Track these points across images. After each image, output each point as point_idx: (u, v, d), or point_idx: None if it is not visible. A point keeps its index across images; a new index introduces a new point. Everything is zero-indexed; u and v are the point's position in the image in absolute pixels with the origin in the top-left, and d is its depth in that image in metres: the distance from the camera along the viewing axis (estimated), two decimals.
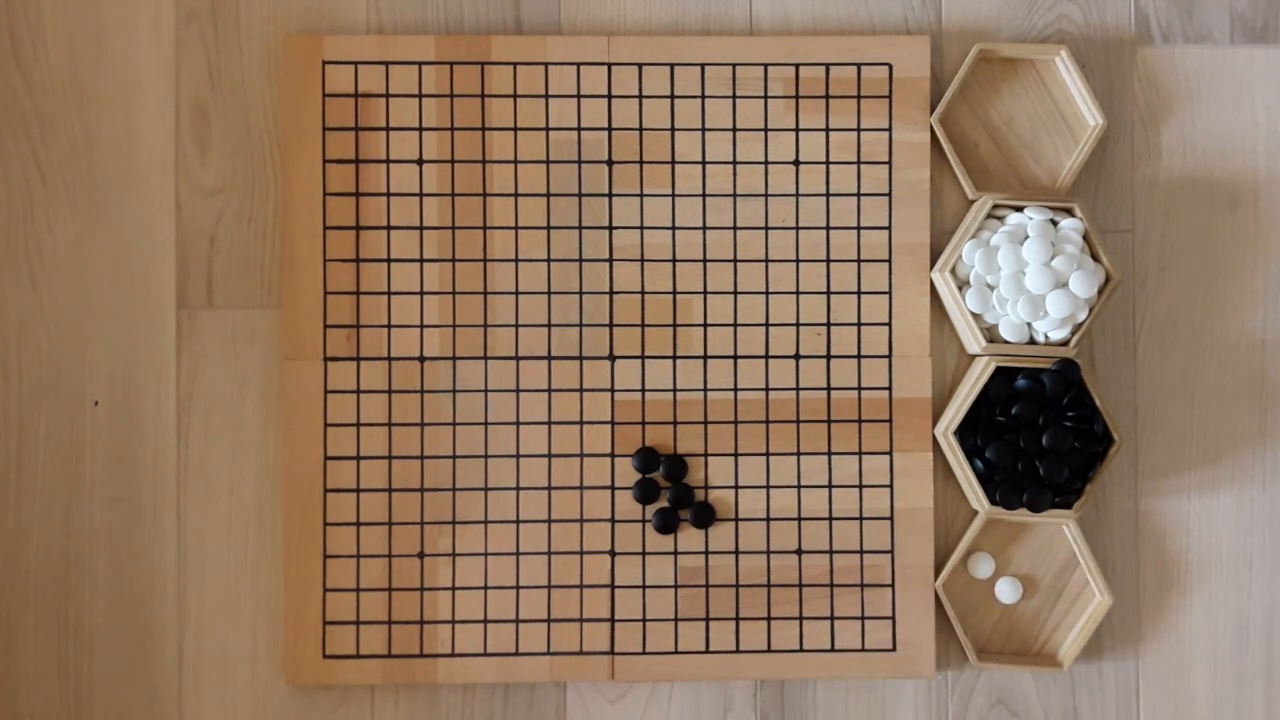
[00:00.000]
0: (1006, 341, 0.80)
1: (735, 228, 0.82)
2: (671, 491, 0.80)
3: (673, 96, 0.82)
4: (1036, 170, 0.84)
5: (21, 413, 0.81)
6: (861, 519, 0.82)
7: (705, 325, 0.82)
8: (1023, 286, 0.78)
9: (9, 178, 0.82)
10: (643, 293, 0.82)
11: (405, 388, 0.81)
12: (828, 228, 0.83)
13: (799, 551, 0.82)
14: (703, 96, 0.82)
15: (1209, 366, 0.84)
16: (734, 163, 0.82)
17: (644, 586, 0.81)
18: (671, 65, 0.82)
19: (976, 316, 0.80)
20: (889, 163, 0.83)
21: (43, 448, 0.81)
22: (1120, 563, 0.83)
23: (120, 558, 0.81)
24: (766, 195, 0.82)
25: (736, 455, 0.82)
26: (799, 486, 0.82)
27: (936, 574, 0.82)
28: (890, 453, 0.82)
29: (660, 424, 0.82)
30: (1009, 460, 0.78)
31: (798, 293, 0.82)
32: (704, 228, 0.82)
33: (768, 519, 0.81)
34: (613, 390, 0.82)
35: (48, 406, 0.81)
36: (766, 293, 0.82)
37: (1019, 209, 0.81)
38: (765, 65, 0.83)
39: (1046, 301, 0.78)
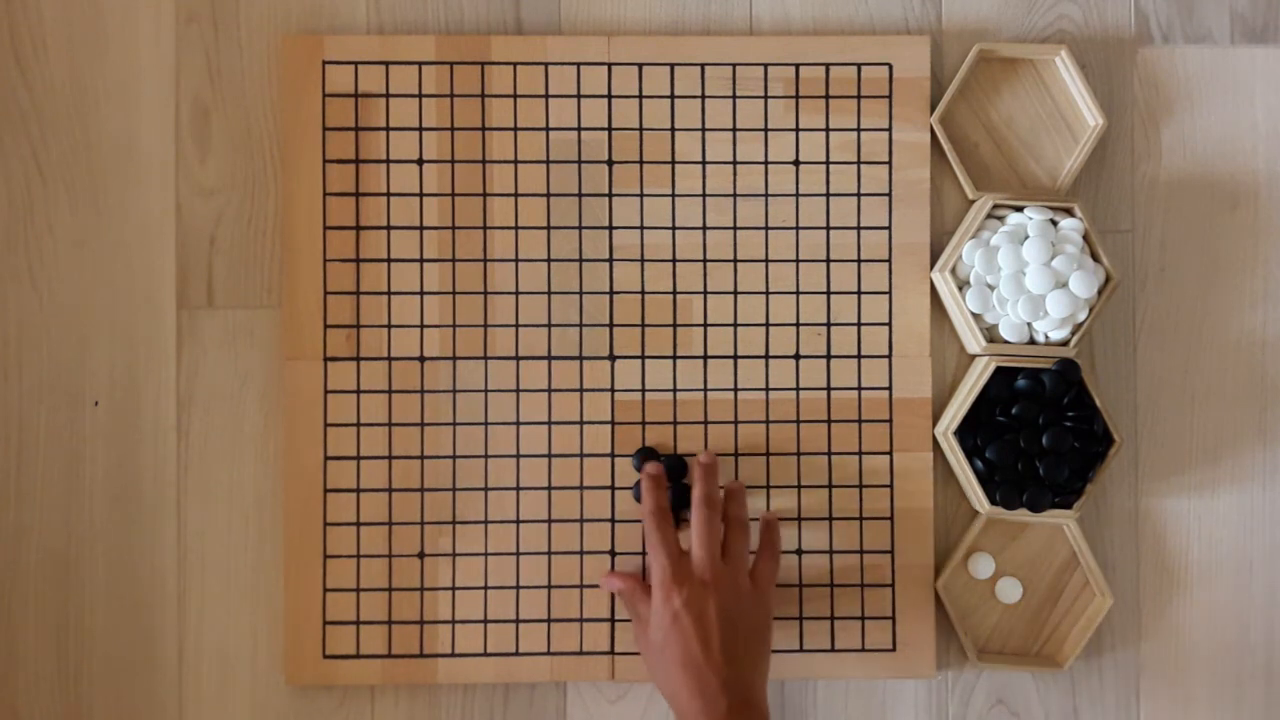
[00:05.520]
0: (1006, 341, 0.80)
1: (735, 228, 0.82)
2: (671, 491, 0.80)
3: (673, 96, 0.82)
4: (1036, 170, 0.84)
5: (21, 413, 0.81)
6: (861, 519, 0.82)
7: (705, 325, 0.82)
8: (1023, 286, 0.78)
9: (9, 178, 0.82)
10: (643, 293, 0.82)
11: (405, 388, 0.81)
12: (828, 228, 0.83)
13: (799, 551, 0.82)
14: (703, 96, 0.82)
15: (1209, 366, 0.84)
16: (734, 163, 0.82)
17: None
18: (671, 65, 0.82)
19: (976, 316, 0.80)
20: (889, 163, 0.83)
21: (43, 448, 0.81)
22: (1120, 563, 0.83)
23: (120, 558, 0.81)
24: (766, 195, 0.82)
25: (736, 455, 0.82)
26: (799, 486, 0.82)
27: (936, 574, 0.82)
28: (890, 453, 0.82)
29: (660, 424, 0.82)
30: (1009, 460, 0.78)
31: (798, 293, 0.82)
32: (704, 228, 0.82)
33: None
34: (613, 390, 0.82)
35: (48, 406, 0.81)
36: (766, 293, 0.82)
37: (1019, 209, 0.81)
38: (765, 65, 0.83)
39: (1046, 301, 0.78)
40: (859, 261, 0.83)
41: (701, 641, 0.71)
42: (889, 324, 0.82)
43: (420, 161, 0.82)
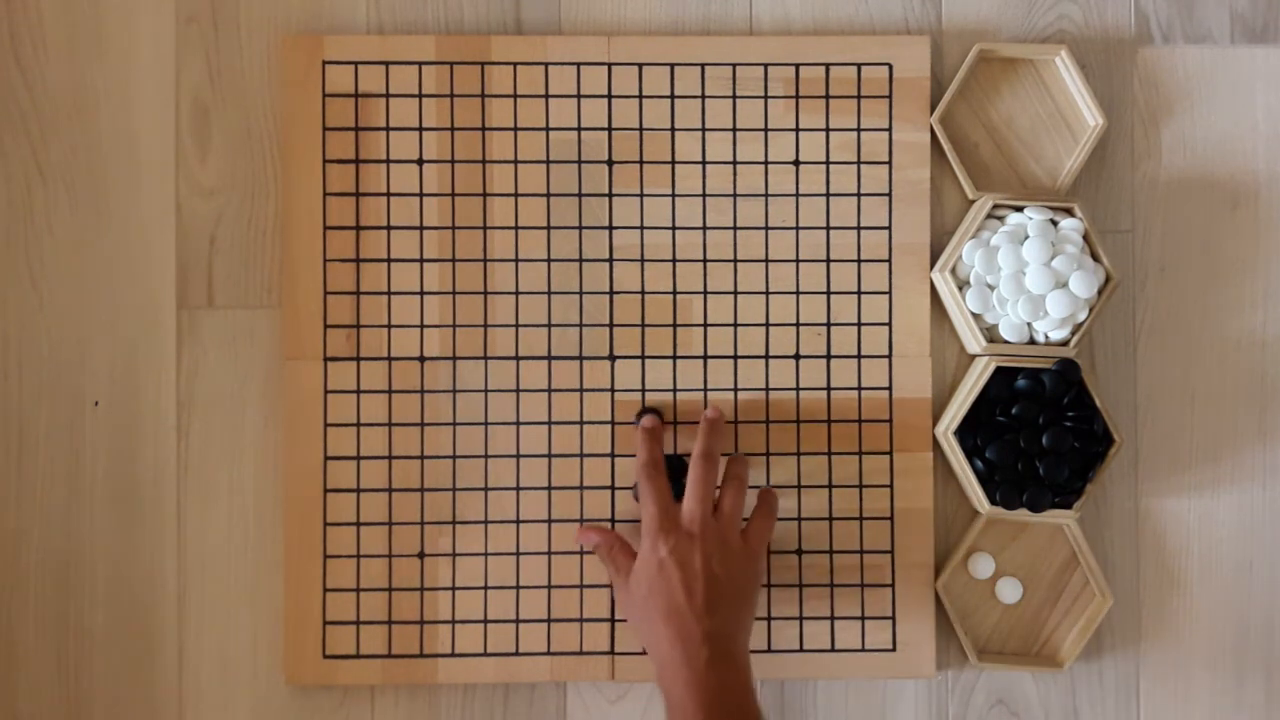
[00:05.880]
0: (1006, 341, 0.80)
1: (735, 228, 0.82)
2: (674, 488, 0.80)
3: (673, 96, 0.82)
4: (1036, 170, 0.84)
5: (21, 413, 0.81)
6: (861, 519, 0.82)
7: (705, 325, 0.82)
8: (1023, 286, 0.78)
9: (9, 178, 0.82)
10: (643, 293, 0.82)
11: (405, 388, 0.81)
12: (828, 228, 0.83)
13: (799, 551, 0.82)
14: (703, 96, 0.82)
15: (1209, 366, 0.84)
16: (734, 163, 0.82)
17: None
18: (671, 65, 0.82)
19: (976, 316, 0.80)
20: (889, 163, 0.83)
21: (43, 448, 0.81)
22: (1120, 563, 0.83)
23: (120, 558, 0.81)
24: (766, 195, 0.82)
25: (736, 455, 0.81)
26: (799, 486, 0.82)
27: (936, 574, 0.82)
28: (890, 453, 0.82)
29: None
30: (1009, 460, 0.78)
31: (798, 293, 0.82)
32: (704, 228, 0.82)
33: None
34: (613, 390, 0.82)
35: (48, 406, 0.81)
36: (766, 293, 0.82)
37: (1019, 209, 0.81)
38: (765, 65, 0.83)
39: (1046, 301, 0.78)
40: (859, 261, 0.83)
41: (686, 591, 0.71)
42: (889, 324, 0.82)
43: (420, 161, 0.82)
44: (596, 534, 0.78)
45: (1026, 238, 0.79)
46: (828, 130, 0.83)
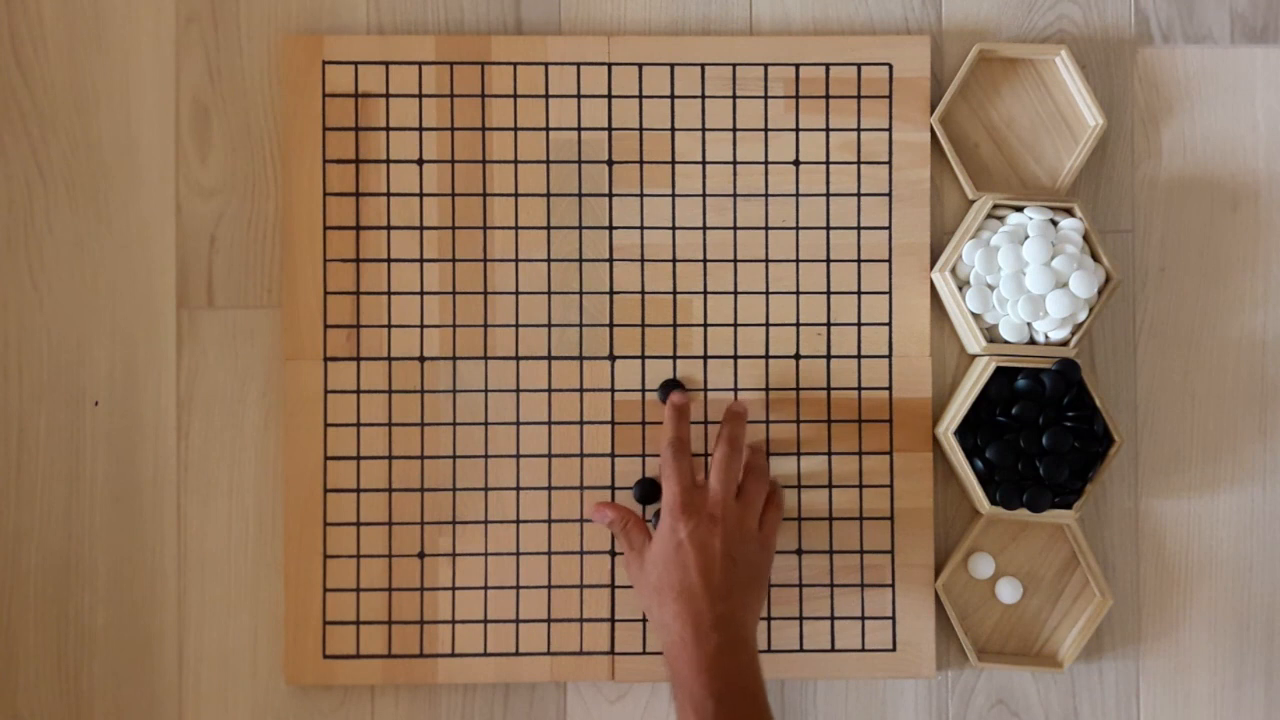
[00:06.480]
0: (1006, 341, 0.80)
1: (735, 228, 0.82)
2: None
3: (673, 96, 0.82)
4: (1036, 170, 0.84)
5: (21, 413, 0.81)
6: (861, 519, 0.82)
7: (705, 325, 0.82)
8: (1023, 286, 0.78)
9: (9, 178, 0.82)
10: (643, 293, 0.82)
11: (405, 388, 0.81)
12: (828, 228, 0.83)
13: (799, 552, 0.82)
14: (703, 96, 0.82)
15: (1209, 366, 0.84)
16: (734, 163, 0.82)
17: None
18: (671, 65, 0.82)
19: (976, 316, 0.80)
20: (889, 163, 0.83)
21: (43, 448, 0.81)
22: (1120, 563, 0.83)
23: (120, 558, 0.81)
24: (766, 195, 0.82)
25: None
26: (799, 487, 0.82)
27: (936, 574, 0.82)
28: (890, 453, 0.82)
29: (660, 424, 0.81)
30: (1009, 460, 0.78)
31: (798, 293, 0.82)
32: (704, 228, 0.82)
33: None
34: (613, 390, 0.82)
35: (48, 406, 0.81)
36: (766, 293, 0.82)
37: (1019, 209, 0.81)
38: (765, 65, 0.83)
39: (1046, 301, 0.78)
40: (859, 261, 0.83)
41: (701, 573, 0.71)
42: (889, 324, 0.82)
43: (420, 161, 0.82)
44: (613, 510, 0.78)
45: (1026, 238, 0.79)
46: (828, 130, 0.83)
